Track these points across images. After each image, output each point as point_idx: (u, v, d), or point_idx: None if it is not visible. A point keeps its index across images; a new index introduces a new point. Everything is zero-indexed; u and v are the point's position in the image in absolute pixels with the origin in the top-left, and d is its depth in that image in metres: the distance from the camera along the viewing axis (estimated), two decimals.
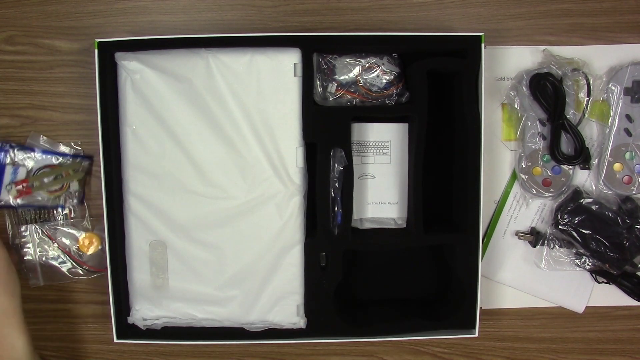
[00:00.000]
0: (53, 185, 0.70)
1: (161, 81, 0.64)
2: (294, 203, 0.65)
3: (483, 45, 0.64)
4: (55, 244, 0.72)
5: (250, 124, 0.64)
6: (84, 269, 0.73)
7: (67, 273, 0.73)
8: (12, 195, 0.70)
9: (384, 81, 0.66)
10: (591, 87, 0.69)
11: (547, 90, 0.69)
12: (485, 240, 0.73)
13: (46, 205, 0.71)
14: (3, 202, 0.70)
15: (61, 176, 0.70)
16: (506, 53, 0.71)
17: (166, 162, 0.65)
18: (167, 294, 0.66)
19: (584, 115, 0.70)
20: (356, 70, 0.66)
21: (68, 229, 0.72)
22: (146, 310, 0.67)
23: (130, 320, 0.67)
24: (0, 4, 0.71)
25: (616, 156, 0.70)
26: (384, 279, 0.73)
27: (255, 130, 0.64)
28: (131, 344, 0.74)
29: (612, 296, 0.74)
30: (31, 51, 0.71)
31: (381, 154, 0.69)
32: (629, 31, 0.72)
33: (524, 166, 0.71)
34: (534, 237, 0.72)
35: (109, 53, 0.64)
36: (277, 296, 0.66)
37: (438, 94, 0.67)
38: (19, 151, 0.70)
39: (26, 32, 0.71)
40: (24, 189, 0.69)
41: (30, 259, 0.72)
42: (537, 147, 0.70)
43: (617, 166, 0.70)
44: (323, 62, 0.66)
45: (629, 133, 0.70)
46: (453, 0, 0.72)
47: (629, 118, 0.69)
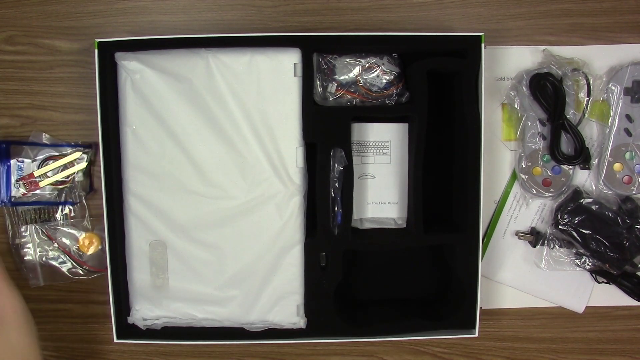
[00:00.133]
0: (58, 177, 0.70)
1: (161, 81, 0.64)
2: (294, 203, 0.65)
3: (483, 45, 0.64)
4: (55, 244, 0.72)
5: (250, 124, 0.64)
6: (84, 269, 0.73)
7: (67, 273, 0.73)
8: (21, 192, 0.70)
9: (384, 81, 0.66)
10: (591, 87, 0.69)
11: (547, 90, 0.69)
12: (485, 240, 0.73)
13: (54, 201, 0.71)
14: (13, 198, 0.70)
15: (65, 167, 0.71)
16: (506, 53, 0.71)
17: (166, 162, 0.65)
18: (167, 294, 0.66)
19: (584, 115, 0.70)
20: (356, 70, 0.66)
21: (68, 229, 0.72)
22: (146, 310, 0.67)
23: (130, 320, 0.67)
24: (0, 4, 0.71)
25: (616, 156, 0.70)
26: (384, 279, 0.73)
27: (255, 130, 0.64)
28: (131, 344, 0.74)
29: (612, 296, 0.74)
30: (31, 51, 0.71)
31: (381, 154, 0.69)
32: (629, 31, 0.72)
33: (524, 166, 0.71)
34: (534, 237, 0.72)
35: (109, 53, 0.64)
36: (277, 296, 0.66)
37: (438, 94, 0.67)
38: (23, 146, 0.70)
39: (26, 32, 0.71)
40: (31, 184, 0.69)
41: (30, 259, 0.72)
42: (537, 147, 0.70)
43: (617, 166, 0.70)
44: (323, 62, 0.66)
45: (629, 133, 0.70)
46: (453, 0, 0.72)
47: (629, 118, 0.69)
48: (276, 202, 0.65)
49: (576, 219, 0.69)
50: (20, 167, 0.70)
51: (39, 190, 0.70)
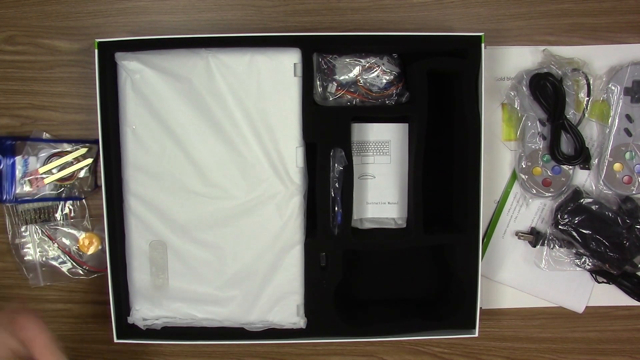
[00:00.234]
0: (63, 174, 0.70)
1: (161, 81, 0.64)
2: (294, 203, 0.65)
3: (483, 45, 0.64)
4: (55, 244, 0.72)
5: (250, 124, 0.64)
6: (84, 269, 0.73)
7: (67, 273, 0.73)
8: (26, 190, 0.70)
9: (384, 81, 0.66)
10: (591, 87, 0.69)
11: (547, 90, 0.69)
12: (485, 240, 0.73)
13: (58, 197, 0.71)
14: (19, 195, 0.70)
15: (70, 164, 0.70)
16: (506, 53, 0.71)
17: (166, 162, 0.65)
18: (167, 294, 0.66)
19: (584, 115, 0.70)
20: (356, 70, 0.66)
21: (68, 229, 0.72)
22: (146, 310, 0.67)
23: (130, 320, 0.67)
24: (0, 4, 0.71)
25: (616, 156, 0.70)
26: (384, 279, 0.73)
27: (255, 130, 0.64)
28: (131, 344, 0.73)
29: (612, 296, 0.74)
30: (31, 51, 0.71)
31: (381, 154, 0.69)
32: (629, 31, 0.72)
33: (524, 166, 0.71)
34: (534, 237, 0.72)
35: (109, 53, 0.64)
36: (277, 296, 0.66)
37: (438, 94, 0.67)
38: (27, 142, 0.70)
39: (26, 32, 0.71)
40: (36, 180, 0.69)
41: (30, 259, 0.72)
42: (537, 147, 0.70)
43: (617, 166, 0.70)
44: (323, 62, 0.66)
45: (629, 133, 0.70)
46: (453, 0, 0.72)
47: (629, 118, 0.69)
48: (276, 202, 0.65)
49: (576, 219, 0.69)
50: (25, 164, 0.70)
51: (45, 188, 0.70)
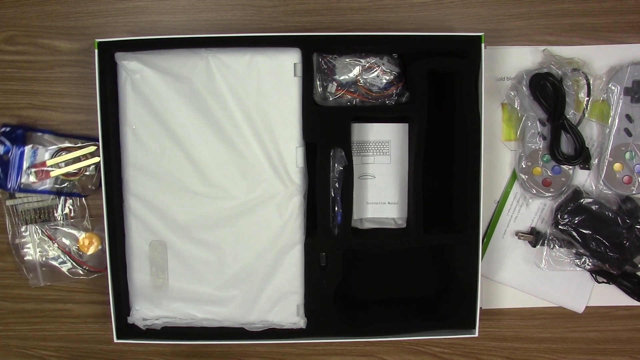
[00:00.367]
0: (70, 169, 0.70)
1: (161, 81, 0.64)
2: (294, 203, 0.65)
3: (483, 45, 0.64)
4: (55, 244, 0.72)
5: (250, 124, 0.64)
6: (84, 269, 0.73)
7: (67, 273, 0.73)
8: (31, 180, 0.70)
9: (384, 81, 0.66)
10: (591, 87, 0.69)
11: (547, 90, 0.69)
12: (485, 240, 0.73)
13: (62, 192, 0.71)
14: (22, 185, 0.70)
15: (78, 160, 0.70)
16: (506, 53, 0.71)
17: (166, 162, 0.65)
18: (167, 294, 0.66)
19: (584, 115, 0.70)
20: (356, 70, 0.66)
21: (68, 229, 0.72)
22: (146, 310, 0.67)
23: (130, 320, 0.67)
24: (0, 4, 0.71)
25: (616, 156, 0.70)
26: (384, 279, 0.73)
27: (255, 130, 0.64)
28: (131, 344, 0.73)
29: (612, 296, 0.74)
30: (31, 51, 0.71)
31: (381, 154, 0.69)
32: (629, 31, 0.72)
33: (524, 166, 0.71)
34: (534, 237, 0.72)
35: (109, 53, 0.64)
36: (277, 296, 0.66)
37: (438, 94, 0.67)
38: (38, 133, 0.70)
39: (26, 32, 0.71)
40: (42, 172, 0.69)
41: (30, 259, 0.72)
42: (537, 147, 0.70)
43: (617, 166, 0.70)
44: (323, 62, 0.66)
45: (629, 133, 0.70)
46: (453, 0, 0.72)
47: (629, 118, 0.69)
48: (276, 202, 0.65)
49: (576, 219, 0.69)
50: (34, 154, 0.70)
51: (49, 180, 0.70)
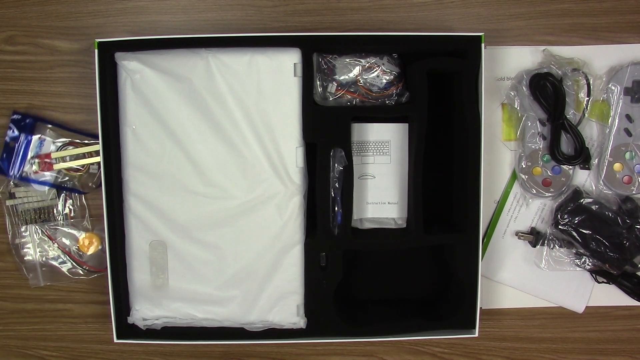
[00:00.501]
0: (75, 164, 0.70)
1: (161, 81, 0.64)
2: (294, 203, 0.65)
3: (483, 45, 0.64)
4: (55, 244, 0.72)
5: (250, 124, 0.64)
6: (84, 269, 0.73)
7: (67, 273, 0.73)
8: (34, 169, 0.70)
9: (384, 81, 0.66)
10: (591, 87, 0.69)
11: (547, 90, 0.69)
12: (485, 240, 0.73)
13: (63, 186, 0.71)
14: (24, 173, 0.70)
15: (83, 156, 0.70)
16: (506, 53, 0.71)
17: (166, 162, 0.65)
18: (167, 294, 0.66)
19: (584, 115, 0.70)
20: (356, 70, 0.66)
21: (68, 229, 0.72)
22: (146, 310, 0.67)
23: (130, 320, 0.67)
24: (0, 4, 0.71)
25: (616, 156, 0.70)
26: (384, 279, 0.73)
27: (255, 130, 0.64)
28: (131, 344, 0.73)
29: (612, 296, 0.74)
30: (31, 51, 0.71)
31: (381, 154, 0.69)
32: (629, 31, 0.72)
33: (524, 166, 0.71)
34: (534, 237, 0.72)
35: (109, 53, 0.64)
36: (277, 296, 0.66)
37: (438, 94, 0.67)
38: (44, 123, 0.70)
39: (26, 32, 0.71)
40: (46, 164, 0.69)
41: (30, 259, 0.72)
42: (537, 147, 0.70)
43: (617, 166, 0.70)
44: (323, 62, 0.66)
45: (629, 133, 0.70)
46: (453, 0, 0.72)
47: (629, 118, 0.69)
48: (276, 202, 0.65)
49: (576, 219, 0.69)
50: (41, 144, 0.70)
51: (51, 173, 0.70)
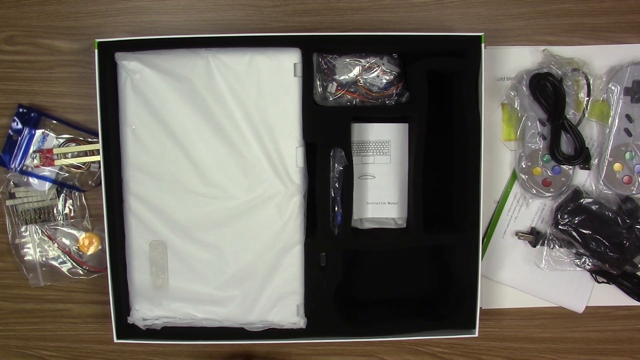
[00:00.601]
0: (76, 161, 0.70)
1: (161, 81, 0.64)
2: (294, 203, 0.65)
3: (483, 45, 0.64)
4: (55, 244, 0.72)
5: (250, 124, 0.64)
6: (84, 269, 0.73)
7: (67, 273, 0.73)
8: (35, 163, 0.70)
9: (384, 81, 0.66)
10: (591, 87, 0.69)
11: (547, 90, 0.69)
12: (485, 240, 0.73)
13: (62, 182, 0.71)
14: (25, 166, 0.70)
15: (85, 154, 0.70)
16: (506, 53, 0.71)
17: (166, 162, 0.65)
18: (167, 294, 0.66)
19: (584, 115, 0.70)
20: (356, 70, 0.66)
21: (68, 229, 0.72)
22: (146, 310, 0.67)
23: (130, 320, 0.67)
24: (0, 4, 0.71)
25: (616, 156, 0.70)
26: (384, 279, 0.73)
27: (255, 130, 0.64)
28: (131, 344, 0.73)
29: (612, 296, 0.74)
30: (31, 51, 0.71)
31: (381, 154, 0.69)
32: (629, 31, 0.72)
33: (524, 166, 0.71)
34: (534, 237, 0.72)
35: (109, 53, 0.64)
36: (277, 296, 0.66)
37: (438, 94, 0.67)
38: (49, 119, 0.70)
39: (26, 32, 0.71)
40: (47, 158, 0.69)
41: (30, 259, 0.72)
42: (537, 147, 0.70)
43: (617, 166, 0.70)
44: (323, 62, 0.66)
45: (629, 133, 0.70)
46: (453, 0, 0.72)
47: (629, 118, 0.69)
48: (276, 202, 0.65)
49: (576, 219, 0.69)
50: (44, 139, 0.70)
51: (52, 168, 0.70)
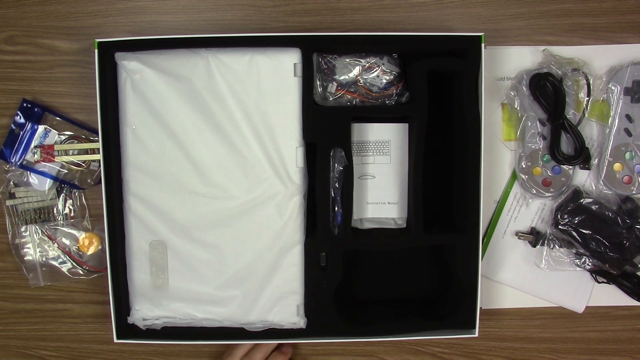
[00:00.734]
0: (77, 158, 0.70)
1: (161, 81, 0.64)
2: (294, 203, 0.65)
3: (483, 45, 0.64)
4: (55, 244, 0.72)
5: (250, 124, 0.64)
6: (84, 269, 0.73)
7: (67, 273, 0.73)
8: (35, 158, 0.70)
9: (384, 81, 0.66)
10: (591, 87, 0.69)
11: (547, 90, 0.69)
12: (485, 240, 0.73)
13: (61, 179, 0.71)
14: (25, 161, 0.70)
15: (86, 152, 0.70)
16: (506, 53, 0.71)
17: (166, 162, 0.65)
18: (167, 294, 0.66)
19: (584, 115, 0.70)
20: (356, 70, 0.66)
21: (68, 229, 0.72)
22: (146, 310, 0.67)
23: (130, 320, 0.67)
24: (0, 4, 0.71)
25: (616, 156, 0.70)
26: (384, 279, 0.73)
27: (255, 130, 0.64)
28: (131, 344, 0.74)
29: (612, 296, 0.74)
30: (31, 51, 0.71)
31: (381, 154, 0.69)
32: (629, 31, 0.72)
33: (524, 166, 0.71)
34: (534, 237, 0.72)
35: (109, 53, 0.64)
36: (277, 296, 0.66)
37: (438, 94, 0.67)
38: (53, 115, 0.70)
39: (26, 32, 0.71)
40: (48, 154, 0.69)
41: (30, 259, 0.72)
42: (537, 147, 0.70)
43: (617, 166, 0.70)
44: (323, 62, 0.66)
45: (629, 133, 0.70)
46: (453, 0, 0.72)
47: (629, 118, 0.69)
48: (276, 202, 0.65)
49: (576, 219, 0.69)
50: (45, 135, 0.70)
51: (52, 165, 0.70)
